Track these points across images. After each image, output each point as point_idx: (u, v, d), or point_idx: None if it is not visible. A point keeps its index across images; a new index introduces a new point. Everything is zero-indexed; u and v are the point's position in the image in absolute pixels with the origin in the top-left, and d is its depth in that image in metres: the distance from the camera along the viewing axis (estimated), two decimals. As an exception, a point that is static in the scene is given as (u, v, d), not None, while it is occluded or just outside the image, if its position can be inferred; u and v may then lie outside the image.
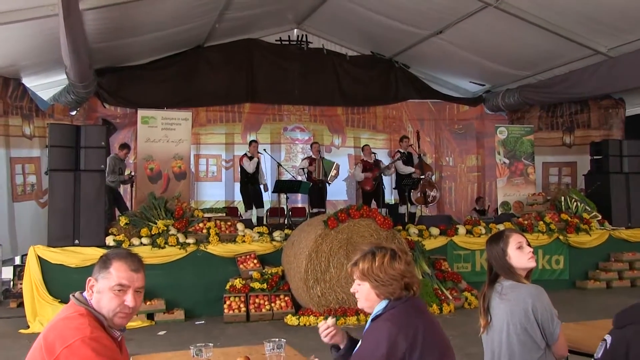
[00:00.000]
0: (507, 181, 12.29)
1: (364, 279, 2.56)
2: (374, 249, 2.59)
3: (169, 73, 12.75)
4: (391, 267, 2.52)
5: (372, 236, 8.37)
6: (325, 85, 13.97)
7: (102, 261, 2.46)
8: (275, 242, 9.25)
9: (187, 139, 10.52)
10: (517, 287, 3.05)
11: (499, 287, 3.10)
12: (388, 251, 2.57)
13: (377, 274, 2.52)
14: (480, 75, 13.87)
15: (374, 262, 2.53)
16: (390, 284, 2.51)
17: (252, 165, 11.43)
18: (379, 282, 2.51)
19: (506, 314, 3.01)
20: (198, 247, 8.78)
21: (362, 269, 2.56)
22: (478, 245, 9.99)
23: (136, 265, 2.45)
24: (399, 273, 2.51)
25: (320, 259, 8.07)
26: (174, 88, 12.74)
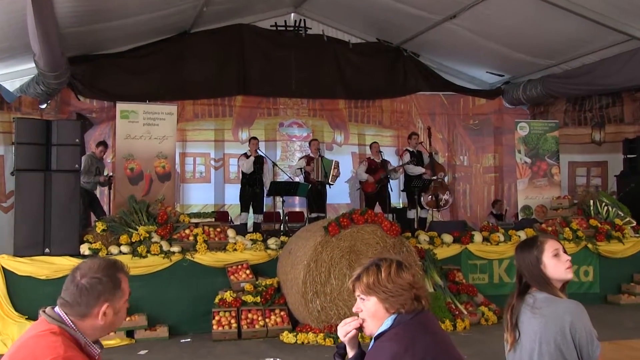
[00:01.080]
0: (529, 183, 12.27)
1: (369, 293, 2.54)
2: (377, 260, 2.60)
3: (151, 62, 12.73)
4: (399, 276, 2.52)
5: (377, 244, 8.34)
6: (326, 76, 13.96)
7: (112, 281, 2.47)
8: (270, 251, 9.22)
9: (171, 136, 10.48)
10: (554, 301, 2.99)
11: (531, 299, 3.04)
12: (394, 261, 2.57)
13: (385, 285, 2.51)
14: (498, 64, 13.85)
15: (379, 274, 2.53)
16: (400, 294, 2.49)
17: (248, 164, 11.42)
18: (388, 293, 2.50)
19: (539, 331, 2.94)
20: (184, 256, 8.74)
21: (367, 283, 2.55)
22: (496, 254, 9.96)
23: (128, 273, 2.59)
24: (408, 283, 2.51)
25: (320, 270, 8.03)
26: (157, 79, 12.72)
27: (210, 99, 13.75)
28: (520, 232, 10.33)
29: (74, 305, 2.40)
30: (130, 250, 8.61)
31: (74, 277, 2.46)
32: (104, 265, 2.49)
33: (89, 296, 2.41)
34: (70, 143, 8.49)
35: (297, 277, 8.07)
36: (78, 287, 2.42)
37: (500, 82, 14.78)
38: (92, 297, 2.41)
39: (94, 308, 2.41)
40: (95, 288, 2.42)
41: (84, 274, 2.45)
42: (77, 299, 2.40)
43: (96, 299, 2.41)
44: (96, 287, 2.42)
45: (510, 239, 10.19)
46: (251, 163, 11.45)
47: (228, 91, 13.66)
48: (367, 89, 14.33)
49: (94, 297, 2.41)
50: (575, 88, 12.78)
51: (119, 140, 10.29)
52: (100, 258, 2.60)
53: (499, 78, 14.66)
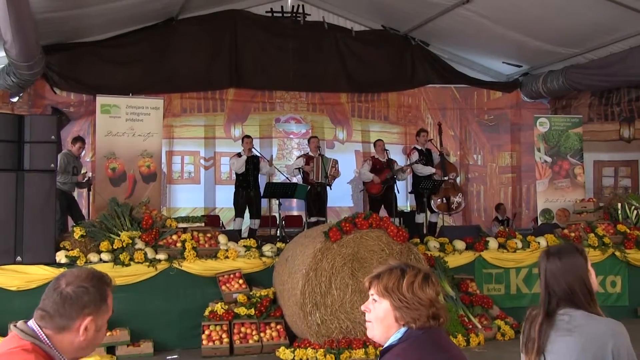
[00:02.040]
0: (549, 184, 12.25)
1: (384, 296, 2.52)
2: (405, 266, 2.57)
3: (135, 51, 12.71)
4: (422, 290, 2.49)
5: (383, 251, 8.32)
6: (326, 67, 13.94)
7: (99, 293, 2.45)
8: (265, 258, 9.22)
9: (157, 133, 10.48)
10: (593, 320, 2.92)
11: (566, 317, 2.95)
12: (421, 272, 2.55)
13: (404, 292, 2.48)
14: (516, 54, 13.83)
15: (402, 280, 2.51)
16: (417, 308, 2.46)
17: (239, 163, 11.40)
18: (404, 302, 2.47)
19: (575, 353, 2.86)
20: (171, 264, 8.74)
21: (385, 285, 2.52)
22: (513, 263, 9.96)
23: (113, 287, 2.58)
24: (429, 299, 2.49)
25: (320, 279, 8.01)
26: (142, 70, 12.71)
27: (200, 92, 13.74)
28: (540, 238, 10.32)
29: (54, 316, 2.35)
30: (111, 258, 8.58)
31: (57, 284, 2.42)
32: (92, 276, 2.46)
33: (72, 306, 2.36)
34: (45, 140, 8.47)
35: (295, 287, 8.06)
36: (62, 295, 2.38)
37: (517, 74, 14.76)
38: (76, 308, 2.37)
39: (75, 321, 2.36)
40: (81, 298, 2.38)
41: (69, 282, 2.41)
42: (59, 308, 2.36)
43: (80, 311, 2.37)
44: (82, 297, 2.39)
45: (529, 245, 10.18)
46: (243, 162, 11.42)
47: (219, 84, 13.64)
48: (372, 81, 14.30)
49: (78, 308, 2.37)
50: (602, 79, 12.73)
51: (99, 138, 10.28)
52: (87, 268, 2.58)
53: (516, 69, 14.64)
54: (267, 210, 12.22)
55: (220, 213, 13.36)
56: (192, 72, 13.17)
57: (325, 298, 8.02)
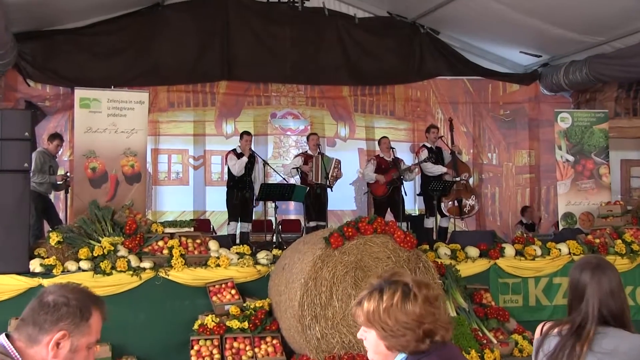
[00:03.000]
0: (572, 185, 12.24)
1: (369, 326, 2.53)
2: (384, 283, 2.56)
3: (117, 40, 12.70)
4: (402, 310, 2.47)
5: (388, 258, 8.30)
6: (327, 58, 13.93)
7: (80, 309, 2.43)
8: (260, 267, 9.20)
9: (142, 129, 10.45)
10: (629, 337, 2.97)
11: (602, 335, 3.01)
12: (399, 287, 2.52)
13: (385, 320, 2.47)
14: (535, 42, 13.81)
15: (380, 303, 2.50)
16: (403, 334, 2.45)
17: (240, 165, 11.40)
18: (388, 331, 2.47)
19: None
20: (156, 273, 8.72)
21: (367, 312, 2.53)
22: (532, 272, 9.95)
23: (105, 314, 2.56)
24: (414, 319, 2.46)
25: (320, 289, 7.99)
26: (125, 60, 12.71)
27: (189, 85, 13.76)
28: (561, 245, 10.30)
29: (27, 324, 2.35)
30: (91, 267, 8.55)
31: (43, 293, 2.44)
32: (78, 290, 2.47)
33: (47, 315, 2.36)
34: (18, 137, 8.45)
35: (293, 298, 8.04)
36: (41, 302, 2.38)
37: (536, 64, 14.75)
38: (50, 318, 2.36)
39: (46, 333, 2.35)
40: (58, 308, 2.38)
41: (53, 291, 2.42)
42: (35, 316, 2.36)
43: (54, 323, 2.36)
44: (60, 308, 2.38)
45: (549, 252, 10.16)
46: (244, 164, 11.43)
47: (210, 75, 13.64)
48: (376, 73, 14.30)
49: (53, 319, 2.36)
50: (630, 70, 12.68)
51: (78, 134, 10.24)
52: (81, 285, 2.56)
53: (535, 59, 14.63)
54: (263, 214, 12.20)
55: (211, 217, 13.36)
56: (180, 63, 13.16)
57: (326, 310, 7.99)
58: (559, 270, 9.97)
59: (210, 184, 13.82)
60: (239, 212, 11.61)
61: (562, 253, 10.12)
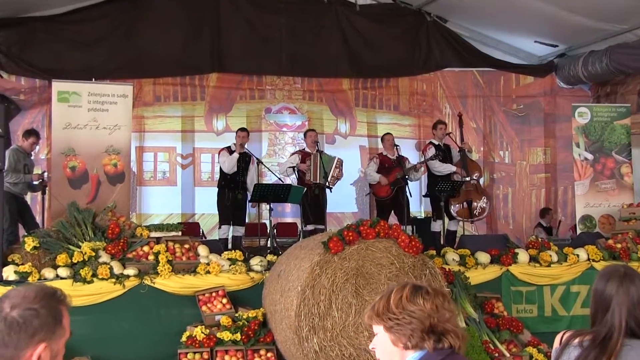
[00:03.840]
0: (591, 185, 12.23)
1: (377, 322, 2.60)
2: (395, 285, 2.68)
3: (98, 29, 12.69)
4: (412, 302, 2.56)
5: (392, 264, 8.27)
6: (326, 48, 13.94)
7: (51, 314, 2.42)
8: (253, 274, 9.19)
9: (125, 125, 10.47)
10: None
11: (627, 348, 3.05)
12: (409, 284, 2.65)
13: (392, 310, 2.56)
14: (550, 31, 13.82)
15: (390, 298, 2.60)
16: (409, 322, 2.52)
17: (231, 162, 11.38)
18: (394, 320, 2.54)
19: None
20: (141, 281, 8.70)
21: (377, 310, 2.61)
22: (548, 279, 9.93)
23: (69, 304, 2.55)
24: (422, 310, 2.53)
25: (318, 298, 7.98)
26: (107, 50, 12.69)
27: (176, 78, 13.75)
28: (579, 250, 10.28)
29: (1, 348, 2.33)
30: (70, 274, 8.53)
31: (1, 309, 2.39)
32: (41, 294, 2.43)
33: (20, 333, 2.34)
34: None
35: (289, 307, 8.02)
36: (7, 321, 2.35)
37: (553, 55, 14.76)
38: (24, 336, 2.34)
39: (25, 350, 2.33)
40: (30, 323, 2.36)
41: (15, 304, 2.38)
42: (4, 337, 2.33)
43: (30, 338, 2.34)
44: (31, 322, 2.36)
45: (566, 258, 10.14)
46: (235, 161, 11.41)
47: (199, 67, 13.64)
48: (379, 65, 14.31)
49: (28, 335, 2.34)
50: (655, 61, 12.72)
51: (55, 131, 10.25)
52: (35, 285, 2.56)
53: (551, 49, 14.64)
54: (256, 217, 12.18)
55: (201, 220, 13.35)
56: (167, 54, 13.15)
57: (325, 320, 7.98)
58: (577, 277, 9.95)
59: (200, 185, 13.82)
60: (230, 214, 11.58)
61: (580, 259, 10.10)
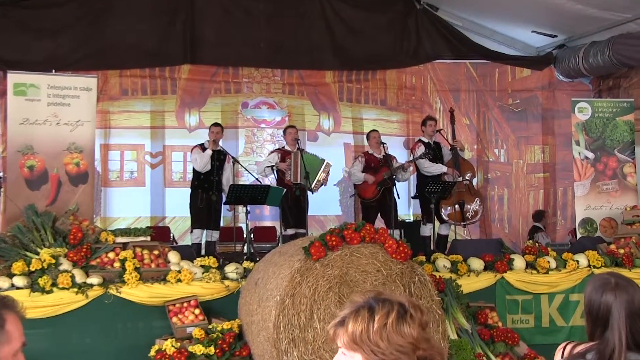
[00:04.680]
0: (591, 186, 12.27)
1: (354, 349, 2.53)
2: (373, 301, 2.58)
3: (60, 15, 12.59)
4: (398, 332, 2.50)
5: (378, 272, 8.29)
6: (308, 38, 13.90)
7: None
8: (228, 282, 9.19)
9: (89, 121, 10.44)
10: None
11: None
12: (395, 306, 2.55)
13: (377, 341, 2.48)
14: (549, 20, 13.86)
15: (371, 324, 2.51)
16: (397, 358, 2.47)
17: (204, 160, 11.33)
18: (378, 355, 2.48)
19: None
20: (106, 290, 8.67)
21: (352, 333, 2.53)
22: (546, 287, 9.97)
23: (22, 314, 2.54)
24: (410, 342, 2.49)
25: (298, 308, 7.97)
26: (69, 39, 12.58)
27: (145, 69, 13.74)
28: (579, 255, 10.31)
29: None
30: (27, 284, 8.48)
31: None
32: None
33: None
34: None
35: (267, 318, 8.02)
36: None
37: (551, 46, 14.79)
38: None
39: None
40: None
41: None
42: None
43: None
44: None
45: (565, 265, 10.17)
46: (208, 158, 11.36)
47: (170, 58, 13.54)
48: (365, 56, 14.26)
49: None
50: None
51: (11, 127, 10.19)
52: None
53: (550, 40, 14.67)
54: (232, 221, 12.17)
55: (172, 224, 13.33)
56: (135, 43, 13.04)
57: (306, 332, 7.98)
58: (577, 285, 9.99)
59: (171, 185, 13.81)
60: (204, 218, 11.53)
61: (580, 265, 10.14)
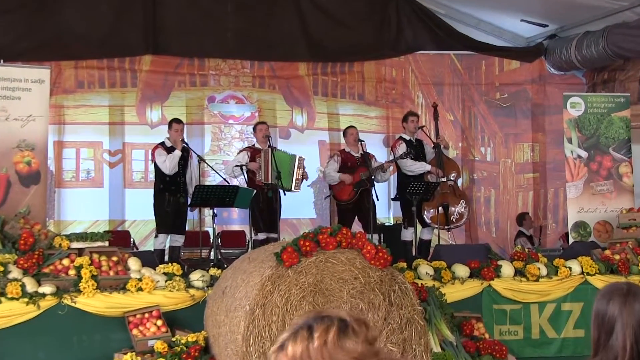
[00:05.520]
0: (585, 187, 12.33)
1: None
2: (312, 320, 2.56)
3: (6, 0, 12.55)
4: (340, 347, 2.47)
5: (356, 279, 8.28)
6: (280, 26, 13.94)
7: None
8: (193, 291, 9.17)
9: (41, 116, 10.40)
10: None
11: None
12: (335, 322, 2.52)
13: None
14: (540, 8, 13.93)
15: (311, 342, 2.49)
16: None
17: (172, 161, 11.28)
18: None
19: None
20: (60, 300, 8.62)
21: (292, 356, 2.50)
22: (536, 296, 10.00)
23: None
24: (355, 357, 2.46)
25: (270, 319, 7.96)
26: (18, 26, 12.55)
27: (103, 60, 13.66)
28: (572, 262, 10.33)
29: None
30: (-26, 293, 8.45)
31: None
32: None
33: None
34: None
35: (236, 330, 8.01)
36: None
37: (542, 36, 14.88)
38: None
39: None
40: None
41: None
42: None
43: None
44: None
45: (557, 272, 10.19)
46: (177, 159, 11.31)
47: (130, 48, 13.56)
48: (342, 46, 14.32)
49: None
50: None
51: (-45, 122, 10.15)
52: None
53: (540, 29, 14.75)
54: (197, 224, 12.13)
55: (132, 228, 13.28)
56: (92, 31, 13.04)
57: (277, 345, 7.97)
58: (569, 294, 10.03)
59: (131, 186, 13.75)
60: (170, 221, 11.48)
61: (572, 272, 10.15)
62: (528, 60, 15.01)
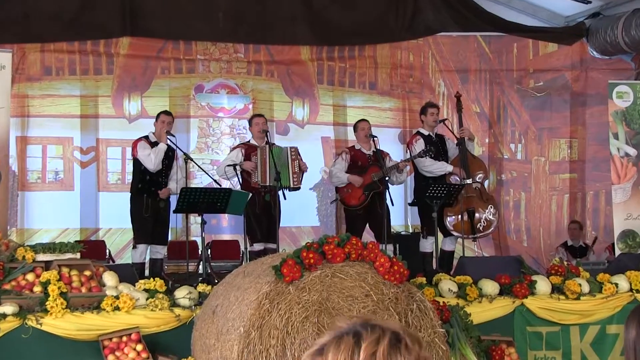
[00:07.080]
0: (634, 190, 12.31)
1: None
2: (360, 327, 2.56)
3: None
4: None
5: (367, 297, 8.28)
6: (278, 5, 13.94)
7: None
8: (179, 310, 9.17)
9: (2, 107, 10.42)
10: None
11: None
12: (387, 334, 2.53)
13: None
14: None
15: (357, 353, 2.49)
16: None
17: (158, 156, 11.27)
18: None
19: None
20: (24, 321, 8.61)
21: None
22: (576, 317, 9.99)
23: None
24: None
25: (267, 343, 7.96)
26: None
27: (73, 43, 13.66)
28: (618, 277, 10.34)
29: None
30: None
31: None
32: None
33: None
34: None
35: (228, 355, 8.01)
36: None
37: (583, 15, 14.89)
38: None
39: None
40: None
41: None
42: None
43: None
44: None
45: (601, 289, 10.19)
46: (163, 153, 11.34)
47: (105, 29, 13.58)
48: (350, 28, 14.36)
49: None
50: None
51: None
52: None
53: (582, 7, 14.74)
54: (183, 233, 12.13)
55: (107, 237, 13.29)
56: (60, 10, 13.07)
57: (276, 373, 7.98)
58: (616, 314, 10.01)
59: (106, 189, 13.79)
60: (150, 229, 11.46)
61: (619, 289, 10.15)
62: (567, 43, 15.00)
